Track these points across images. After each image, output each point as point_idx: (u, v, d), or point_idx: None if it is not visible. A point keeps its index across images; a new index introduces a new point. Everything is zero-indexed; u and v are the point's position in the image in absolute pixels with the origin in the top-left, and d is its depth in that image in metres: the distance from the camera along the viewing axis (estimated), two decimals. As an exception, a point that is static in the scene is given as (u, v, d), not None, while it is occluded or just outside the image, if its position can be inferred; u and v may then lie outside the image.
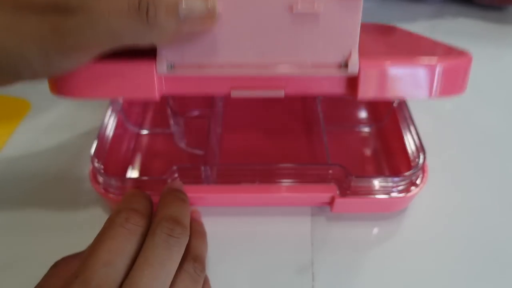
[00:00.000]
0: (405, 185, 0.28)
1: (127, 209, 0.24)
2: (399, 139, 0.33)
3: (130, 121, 0.37)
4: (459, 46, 0.27)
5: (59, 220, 0.31)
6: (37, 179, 0.33)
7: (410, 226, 0.30)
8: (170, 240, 0.23)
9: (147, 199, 0.25)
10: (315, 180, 0.29)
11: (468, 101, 0.40)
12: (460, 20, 0.50)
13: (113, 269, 0.21)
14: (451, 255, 0.28)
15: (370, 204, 0.29)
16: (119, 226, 0.22)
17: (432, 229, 0.30)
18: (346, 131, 0.36)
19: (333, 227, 0.30)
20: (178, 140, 0.36)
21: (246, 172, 0.29)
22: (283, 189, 0.29)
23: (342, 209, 0.30)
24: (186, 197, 0.27)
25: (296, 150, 0.35)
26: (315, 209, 0.31)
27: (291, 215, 0.30)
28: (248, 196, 0.29)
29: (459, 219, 0.30)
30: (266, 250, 0.28)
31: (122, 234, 0.22)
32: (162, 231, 0.23)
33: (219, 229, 0.29)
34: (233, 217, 0.30)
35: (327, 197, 0.29)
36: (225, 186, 0.29)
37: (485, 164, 0.35)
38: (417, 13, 0.51)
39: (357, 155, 0.34)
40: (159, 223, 0.23)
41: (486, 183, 0.33)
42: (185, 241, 0.24)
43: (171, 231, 0.23)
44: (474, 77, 0.43)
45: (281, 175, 0.29)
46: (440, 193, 0.32)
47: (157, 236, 0.23)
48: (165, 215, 0.24)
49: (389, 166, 0.33)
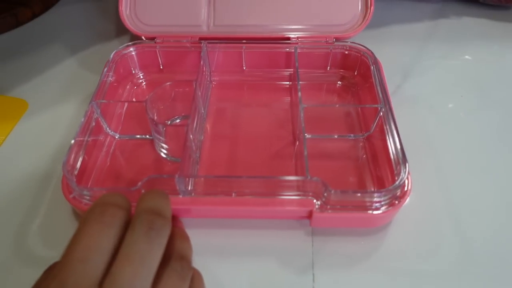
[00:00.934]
0: (387, 199, 0.27)
1: (101, 203, 0.23)
2: (385, 149, 0.32)
3: (109, 126, 0.36)
4: (463, 45, 0.25)
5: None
6: (34, 178, 0.33)
7: (394, 240, 0.29)
8: (151, 233, 0.22)
9: (123, 196, 0.24)
10: (294, 193, 0.28)
11: (472, 101, 0.40)
12: (464, 20, 0.49)
13: (91, 266, 0.20)
14: (440, 268, 0.28)
15: (351, 220, 0.28)
16: (93, 221, 0.22)
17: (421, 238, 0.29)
18: (331, 141, 0.35)
19: (315, 241, 0.29)
20: (158, 148, 0.34)
21: (222, 184, 0.28)
22: (260, 202, 0.28)
23: (321, 224, 0.29)
24: (168, 195, 0.25)
25: (279, 159, 0.34)
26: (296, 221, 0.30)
27: (271, 228, 0.30)
28: (224, 209, 0.28)
29: (449, 230, 0.30)
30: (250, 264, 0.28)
31: (97, 228, 0.21)
32: (142, 224, 0.22)
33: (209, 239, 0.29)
34: (214, 229, 0.30)
35: (305, 211, 0.28)
36: (200, 198, 0.28)
37: (486, 166, 0.34)
38: (419, 12, 0.50)
39: (341, 167, 0.33)
40: (138, 216, 0.23)
41: (486, 185, 0.33)
42: (166, 233, 0.23)
43: (152, 223, 0.22)
44: (478, 77, 0.43)
45: (257, 188, 0.28)
46: (432, 200, 0.31)
47: (137, 229, 0.22)
48: (145, 207, 0.23)
49: (374, 178, 0.32)
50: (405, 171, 0.28)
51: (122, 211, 0.23)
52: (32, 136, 0.37)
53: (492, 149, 0.35)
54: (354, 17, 0.40)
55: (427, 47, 0.46)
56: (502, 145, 0.36)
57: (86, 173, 0.32)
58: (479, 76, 0.42)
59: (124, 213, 0.23)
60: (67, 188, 0.29)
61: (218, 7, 0.40)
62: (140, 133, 0.36)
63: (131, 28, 0.40)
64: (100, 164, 0.33)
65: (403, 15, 0.50)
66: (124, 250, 0.21)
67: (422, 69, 0.43)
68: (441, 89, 0.41)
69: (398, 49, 0.45)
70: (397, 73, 0.42)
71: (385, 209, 0.27)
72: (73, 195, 0.28)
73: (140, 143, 0.36)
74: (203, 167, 0.33)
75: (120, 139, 0.36)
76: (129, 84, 0.40)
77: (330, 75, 0.40)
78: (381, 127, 0.33)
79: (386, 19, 0.49)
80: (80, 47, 0.46)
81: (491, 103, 0.39)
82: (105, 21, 0.50)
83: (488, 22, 0.49)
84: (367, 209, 0.27)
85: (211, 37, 0.40)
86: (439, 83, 0.41)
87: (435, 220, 0.30)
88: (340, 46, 0.38)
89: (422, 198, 0.31)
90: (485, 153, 0.35)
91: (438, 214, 0.31)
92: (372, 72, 0.36)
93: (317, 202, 0.28)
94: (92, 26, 0.50)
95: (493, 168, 0.34)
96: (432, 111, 0.38)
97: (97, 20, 0.51)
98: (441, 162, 0.34)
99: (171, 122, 0.37)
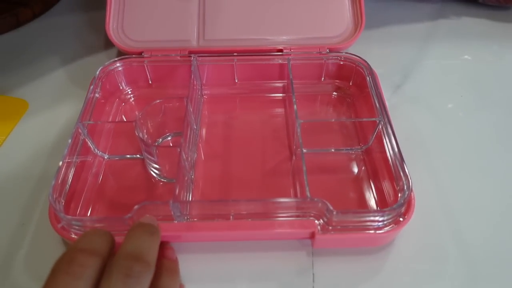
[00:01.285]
0: (391, 219, 0.26)
1: (71, 250, 0.21)
2: (385, 162, 0.31)
3: (97, 147, 0.34)
4: (463, 45, 0.25)
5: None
6: (34, 177, 0.33)
7: (398, 256, 0.28)
8: (129, 281, 0.20)
9: (102, 236, 0.23)
10: (294, 213, 0.27)
11: (471, 101, 0.39)
12: (464, 20, 0.49)
13: None
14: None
15: (354, 240, 0.27)
16: (60, 272, 0.20)
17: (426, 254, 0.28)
18: (328, 155, 0.34)
19: (316, 261, 0.28)
20: (149, 168, 0.33)
21: (219, 208, 0.27)
22: (259, 225, 0.26)
23: (324, 245, 0.27)
24: (157, 229, 0.24)
25: (276, 176, 0.33)
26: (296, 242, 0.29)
27: (270, 249, 0.28)
28: (223, 234, 0.27)
29: (451, 239, 0.29)
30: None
31: (63, 282, 0.20)
32: (119, 271, 0.21)
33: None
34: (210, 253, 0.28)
35: (307, 233, 0.27)
36: (196, 223, 0.27)
37: (486, 166, 0.34)
38: (419, 12, 0.50)
39: (340, 182, 0.32)
40: (116, 262, 0.21)
41: (486, 186, 0.32)
42: (147, 280, 0.21)
43: (130, 270, 0.21)
44: (477, 77, 0.42)
45: (256, 210, 0.27)
46: (432, 204, 0.31)
47: (114, 277, 0.20)
48: (124, 251, 0.22)
49: (375, 193, 0.31)
50: (409, 188, 0.27)
51: (94, 258, 0.21)
52: (32, 135, 0.37)
53: (491, 149, 0.35)
54: (346, 29, 0.39)
55: (427, 47, 0.46)
56: (502, 145, 0.35)
57: (75, 198, 0.30)
58: (479, 76, 0.42)
59: (97, 260, 0.21)
60: (55, 218, 0.27)
61: (208, 21, 0.39)
62: (130, 152, 0.35)
63: (118, 44, 0.39)
64: (90, 187, 0.32)
65: (403, 15, 0.50)
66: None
67: (422, 69, 0.43)
68: (441, 89, 0.41)
69: (398, 49, 0.45)
70: (397, 73, 0.42)
71: (389, 228, 0.26)
72: (61, 225, 0.27)
73: (131, 163, 0.34)
74: (198, 187, 0.32)
75: (110, 160, 0.34)
76: (117, 100, 0.39)
77: (325, 86, 0.39)
78: (380, 139, 0.32)
79: (386, 19, 0.49)
80: (80, 46, 0.46)
81: (491, 103, 0.39)
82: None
83: (487, 22, 0.49)
84: (371, 228, 0.26)
85: (201, 50, 0.38)
86: (439, 83, 0.41)
87: (437, 230, 0.29)
88: (334, 56, 0.38)
89: (422, 203, 0.30)
90: (485, 153, 0.35)
91: (440, 221, 0.30)
92: (368, 83, 0.35)
93: (318, 222, 0.27)
94: (93, 25, 0.49)
95: (493, 168, 0.34)
96: (431, 111, 0.38)
97: (97, 19, 0.50)
98: (441, 162, 0.34)
99: (162, 139, 0.36)
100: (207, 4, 0.40)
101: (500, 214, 0.31)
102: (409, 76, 0.42)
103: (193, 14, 0.40)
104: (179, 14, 0.40)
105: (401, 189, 0.28)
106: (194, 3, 0.40)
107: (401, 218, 0.27)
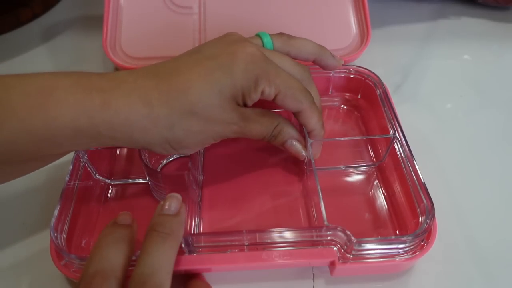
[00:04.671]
0: (413, 245, 0.25)
1: (88, 275, 0.20)
2: (401, 180, 0.30)
3: (98, 172, 0.32)
4: (462, 46, 0.24)
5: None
6: (33, 178, 0.31)
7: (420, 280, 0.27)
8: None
9: (117, 245, 0.22)
10: (311, 242, 0.26)
11: (470, 101, 0.39)
12: (464, 20, 0.49)
13: None
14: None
15: (375, 268, 0.26)
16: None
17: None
18: (341, 173, 0.33)
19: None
20: (154, 192, 0.31)
21: (233, 238, 0.25)
22: (275, 255, 0.25)
23: (343, 273, 0.26)
24: (171, 230, 0.23)
25: (287, 195, 0.31)
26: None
27: (286, 279, 0.27)
28: (237, 266, 0.25)
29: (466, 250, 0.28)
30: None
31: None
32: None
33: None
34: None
35: (326, 262, 0.25)
36: (208, 256, 0.25)
37: (485, 166, 0.34)
38: (419, 12, 0.50)
39: (354, 201, 0.31)
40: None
41: (486, 186, 0.32)
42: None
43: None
44: (477, 77, 0.42)
45: (272, 240, 0.25)
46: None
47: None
48: (139, 272, 0.21)
49: (392, 213, 0.30)
50: (433, 213, 0.25)
51: (109, 282, 0.20)
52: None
53: (491, 149, 0.35)
54: (352, 41, 0.38)
55: (427, 47, 0.45)
56: (501, 145, 0.35)
57: (77, 230, 0.29)
58: (478, 76, 0.42)
59: (112, 282, 0.20)
60: (56, 255, 0.25)
61: (210, 36, 0.38)
62: (133, 175, 0.33)
63: (115, 61, 0.37)
64: (92, 215, 0.30)
65: (403, 15, 0.49)
66: None
67: (421, 69, 0.42)
68: (441, 89, 0.40)
69: (398, 49, 0.45)
70: (397, 73, 0.42)
71: (411, 255, 0.25)
72: (64, 262, 0.25)
73: (134, 187, 0.32)
74: (206, 210, 0.30)
75: (112, 185, 0.33)
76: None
77: (333, 99, 0.38)
78: (394, 155, 0.31)
79: (386, 19, 0.48)
80: (81, 46, 0.45)
81: (491, 103, 0.39)
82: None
83: (487, 22, 0.48)
84: (392, 255, 0.25)
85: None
86: (439, 83, 0.41)
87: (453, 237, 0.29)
88: (342, 69, 0.36)
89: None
90: (485, 153, 0.35)
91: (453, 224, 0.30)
92: (379, 98, 0.34)
93: (337, 249, 0.25)
94: (93, 25, 0.48)
95: (492, 168, 0.33)
96: (431, 111, 0.38)
97: (98, 20, 0.48)
98: (440, 162, 0.33)
99: (166, 161, 0.34)
100: (207, 17, 0.38)
101: (501, 213, 0.30)
102: (409, 76, 0.41)
103: (194, 29, 0.38)
104: (179, 29, 0.38)
105: (422, 211, 0.26)
106: (194, 17, 0.39)
107: (423, 242, 0.26)
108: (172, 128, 0.24)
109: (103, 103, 0.22)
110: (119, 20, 0.38)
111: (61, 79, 0.23)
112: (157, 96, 0.24)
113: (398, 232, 0.28)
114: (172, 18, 0.39)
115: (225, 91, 0.25)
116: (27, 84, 0.22)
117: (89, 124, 0.22)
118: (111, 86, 0.23)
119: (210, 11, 0.39)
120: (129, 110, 0.23)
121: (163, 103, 0.24)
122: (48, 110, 0.21)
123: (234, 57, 0.25)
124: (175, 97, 0.24)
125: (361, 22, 0.39)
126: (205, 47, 0.27)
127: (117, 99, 0.23)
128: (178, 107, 0.24)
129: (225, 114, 0.25)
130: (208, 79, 0.24)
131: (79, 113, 0.22)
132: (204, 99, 0.24)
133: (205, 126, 0.25)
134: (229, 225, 0.30)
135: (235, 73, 0.25)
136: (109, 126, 0.23)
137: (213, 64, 0.25)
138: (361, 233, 0.26)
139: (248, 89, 0.25)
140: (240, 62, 0.25)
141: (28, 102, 0.21)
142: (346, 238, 0.24)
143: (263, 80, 0.25)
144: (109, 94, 0.23)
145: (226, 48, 0.26)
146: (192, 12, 0.39)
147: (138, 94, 0.23)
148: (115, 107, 0.23)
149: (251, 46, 0.26)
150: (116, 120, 0.23)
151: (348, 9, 0.40)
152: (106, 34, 0.38)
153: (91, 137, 0.23)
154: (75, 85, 0.22)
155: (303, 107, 0.27)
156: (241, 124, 0.26)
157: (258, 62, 0.25)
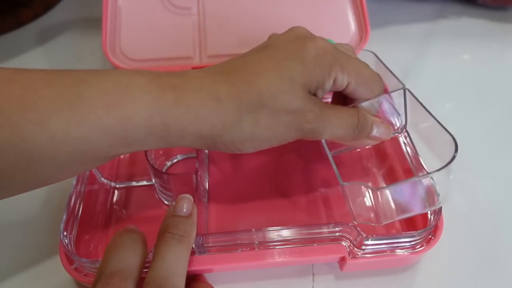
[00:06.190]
0: (421, 238, 0.26)
1: (105, 275, 0.20)
2: (407, 176, 0.30)
3: (102, 175, 0.32)
4: (462, 46, 0.24)
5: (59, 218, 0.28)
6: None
7: (426, 275, 0.27)
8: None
9: (131, 247, 0.22)
10: (320, 238, 0.26)
11: (470, 101, 0.39)
12: (463, 20, 0.49)
13: None
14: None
15: (384, 262, 0.26)
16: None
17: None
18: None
19: (341, 285, 0.27)
20: (160, 194, 0.31)
21: (243, 237, 0.25)
22: (286, 253, 0.25)
23: (353, 268, 0.26)
24: (185, 233, 0.23)
25: (293, 197, 0.31)
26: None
27: (293, 276, 0.27)
28: (247, 265, 0.26)
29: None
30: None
31: None
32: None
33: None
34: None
35: (336, 257, 0.26)
36: (220, 256, 0.25)
37: (485, 166, 0.34)
38: (419, 12, 0.50)
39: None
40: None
41: (486, 186, 0.32)
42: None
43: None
44: (477, 77, 0.42)
45: (282, 238, 0.25)
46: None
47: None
48: (154, 275, 0.21)
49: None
50: (440, 209, 0.26)
51: (127, 282, 0.20)
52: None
53: (491, 149, 0.35)
54: (351, 40, 0.39)
55: (427, 47, 0.45)
56: (501, 144, 0.35)
57: (85, 234, 0.29)
58: (478, 76, 0.42)
59: (132, 284, 0.21)
60: (66, 259, 0.25)
61: (210, 37, 0.38)
62: (138, 176, 0.33)
63: (116, 64, 0.37)
64: (99, 219, 0.30)
65: (403, 15, 0.49)
66: None
67: (421, 69, 0.42)
68: (441, 89, 0.40)
69: (397, 49, 0.45)
70: (396, 73, 0.41)
71: (419, 249, 0.26)
72: (75, 266, 0.25)
73: (139, 189, 0.32)
74: (213, 210, 0.31)
75: (117, 188, 0.32)
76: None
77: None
78: (400, 152, 0.31)
79: (386, 19, 0.48)
80: (80, 47, 0.45)
81: (490, 103, 0.39)
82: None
83: (487, 22, 0.49)
84: (402, 249, 0.25)
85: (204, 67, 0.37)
86: (439, 83, 0.41)
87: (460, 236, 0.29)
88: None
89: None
90: (485, 153, 0.35)
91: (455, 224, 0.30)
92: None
93: (346, 245, 0.26)
94: (93, 26, 0.48)
95: (492, 168, 0.34)
96: (431, 110, 0.37)
97: (98, 20, 0.48)
98: (440, 161, 0.33)
99: (171, 163, 0.34)
100: (207, 19, 0.38)
101: (500, 214, 0.31)
102: (408, 76, 0.42)
103: (193, 30, 0.38)
104: (178, 30, 0.38)
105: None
106: (193, 18, 0.39)
107: (431, 235, 0.26)
108: (239, 124, 0.23)
109: (175, 100, 0.22)
110: (118, 22, 0.38)
111: (135, 76, 0.22)
112: (226, 90, 0.23)
113: (405, 226, 0.29)
114: (171, 19, 0.39)
115: (296, 77, 0.24)
116: (105, 81, 0.21)
117: (160, 123, 0.22)
118: (182, 83, 0.23)
119: (209, 11, 0.39)
120: (200, 106, 0.22)
121: (232, 97, 0.23)
122: (125, 108, 0.21)
123: (304, 46, 0.24)
124: (244, 90, 0.23)
125: (360, 20, 0.39)
126: (272, 41, 0.26)
127: (189, 95, 0.22)
128: (246, 100, 0.23)
129: (297, 101, 0.24)
130: (277, 67, 0.24)
131: (153, 112, 0.22)
132: (272, 86, 0.23)
133: (274, 120, 0.24)
134: (237, 224, 0.30)
135: (306, 60, 0.24)
136: (180, 125, 0.22)
137: (282, 55, 0.24)
138: (368, 228, 0.27)
139: (322, 76, 0.24)
140: (311, 49, 0.24)
141: (107, 99, 0.21)
142: (357, 233, 0.25)
143: (336, 66, 0.24)
144: (181, 90, 0.22)
145: (294, 40, 0.25)
146: (191, 13, 0.39)
147: (208, 90, 0.23)
148: (187, 103, 0.22)
149: (320, 38, 0.25)
150: (187, 118, 0.22)
151: (346, 7, 0.40)
152: (105, 36, 0.37)
153: (160, 137, 0.23)
154: (150, 82, 0.22)
155: (373, 96, 0.27)
156: (316, 111, 0.24)
157: (329, 50, 0.25)
